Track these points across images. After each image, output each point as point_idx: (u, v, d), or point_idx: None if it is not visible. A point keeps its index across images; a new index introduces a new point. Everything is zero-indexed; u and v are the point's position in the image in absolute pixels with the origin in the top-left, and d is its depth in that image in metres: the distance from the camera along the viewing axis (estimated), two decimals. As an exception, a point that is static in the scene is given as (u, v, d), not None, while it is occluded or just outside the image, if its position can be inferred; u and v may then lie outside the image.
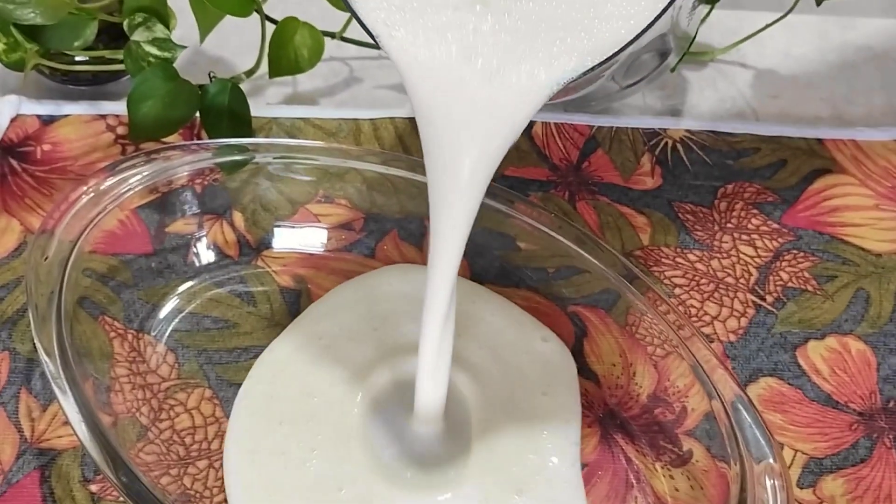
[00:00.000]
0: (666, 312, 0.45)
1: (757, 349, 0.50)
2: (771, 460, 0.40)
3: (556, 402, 0.47)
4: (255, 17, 0.54)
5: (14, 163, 0.55)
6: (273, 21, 0.56)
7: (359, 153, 0.51)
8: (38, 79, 0.60)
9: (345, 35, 0.59)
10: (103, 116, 0.58)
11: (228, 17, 0.53)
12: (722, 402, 0.43)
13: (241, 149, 0.50)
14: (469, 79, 0.36)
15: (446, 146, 0.37)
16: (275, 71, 0.56)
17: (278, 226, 0.52)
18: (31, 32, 0.52)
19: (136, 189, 0.48)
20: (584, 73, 0.35)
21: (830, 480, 0.45)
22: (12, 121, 0.57)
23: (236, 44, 0.62)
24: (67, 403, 0.39)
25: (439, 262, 0.40)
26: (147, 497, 0.37)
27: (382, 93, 0.62)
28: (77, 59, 0.57)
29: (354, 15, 0.36)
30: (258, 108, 0.57)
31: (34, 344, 0.41)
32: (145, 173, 0.48)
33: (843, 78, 0.65)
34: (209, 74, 0.54)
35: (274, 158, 0.50)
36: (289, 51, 0.55)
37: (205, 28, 0.52)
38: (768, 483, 0.40)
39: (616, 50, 0.35)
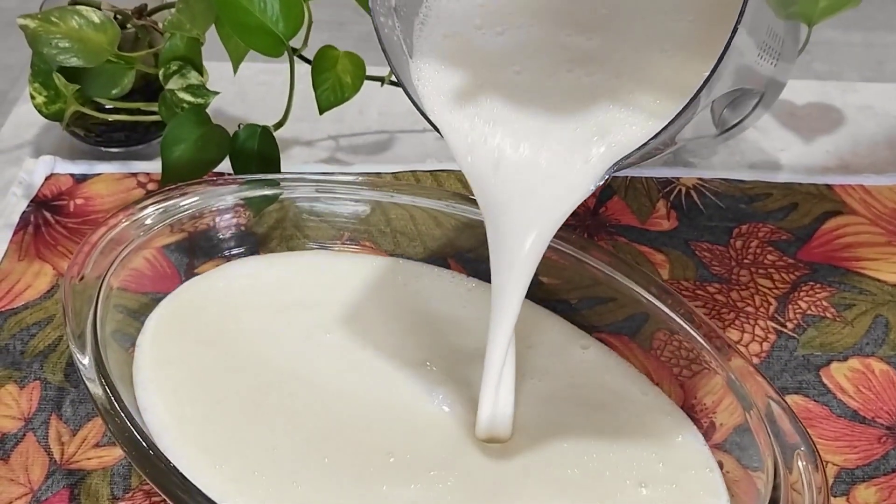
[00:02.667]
0: (699, 326, 0.46)
1: (781, 370, 0.50)
2: (806, 461, 0.40)
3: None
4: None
5: (48, 215, 0.57)
6: (307, 61, 0.57)
7: (388, 185, 0.53)
8: (73, 142, 0.62)
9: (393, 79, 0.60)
10: (134, 174, 0.60)
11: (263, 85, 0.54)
12: (758, 410, 0.43)
13: (271, 183, 0.51)
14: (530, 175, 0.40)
15: (508, 233, 0.41)
16: (323, 104, 0.57)
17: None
18: (73, 78, 0.54)
19: (163, 224, 0.50)
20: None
21: (863, 489, 0.45)
22: (47, 179, 0.59)
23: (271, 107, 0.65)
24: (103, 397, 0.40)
25: (501, 316, 0.42)
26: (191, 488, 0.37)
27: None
28: (110, 119, 0.59)
29: (432, 123, 0.41)
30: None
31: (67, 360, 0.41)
32: (170, 210, 0.50)
33: (848, 133, 0.67)
34: (238, 126, 0.56)
35: (302, 194, 0.52)
36: (332, 80, 0.56)
37: (236, 59, 0.54)
38: (805, 484, 0.40)
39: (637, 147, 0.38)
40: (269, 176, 0.53)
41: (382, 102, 0.67)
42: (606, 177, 0.40)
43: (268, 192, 0.51)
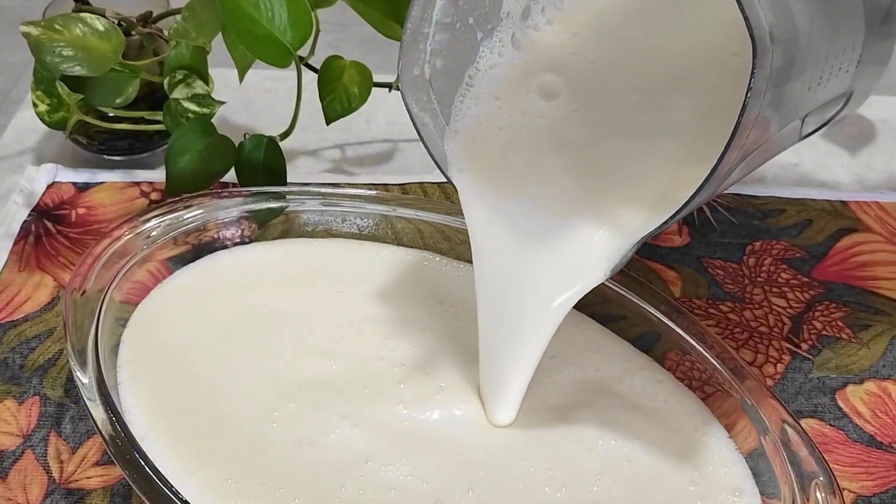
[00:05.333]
0: (711, 346, 0.45)
1: (796, 392, 0.49)
2: (825, 491, 0.39)
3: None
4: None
5: (49, 224, 0.56)
6: (314, 69, 0.56)
7: (395, 198, 0.52)
8: (75, 150, 0.61)
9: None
10: (137, 183, 0.59)
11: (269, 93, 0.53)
12: (773, 436, 0.42)
13: (277, 196, 0.51)
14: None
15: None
16: (330, 116, 0.56)
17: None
18: (76, 87, 0.53)
19: (167, 236, 0.49)
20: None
21: (880, 517, 0.44)
22: (49, 187, 0.58)
23: (276, 115, 0.64)
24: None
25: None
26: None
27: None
28: (114, 128, 0.58)
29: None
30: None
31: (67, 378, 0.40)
32: (175, 222, 0.49)
33: (862, 147, 0.66)
34: (244, 135, 0.55)
35: (308, 207, 0.51)
36: (339, 91, 0.55)
37: (242, 68, 0.53)
38: None
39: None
40: (275, 189, 0.52)
41: (390, 112, 0.66)
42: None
43: (273, 204, 0.50)
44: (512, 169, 0.43)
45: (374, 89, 0.57)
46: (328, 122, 0.56)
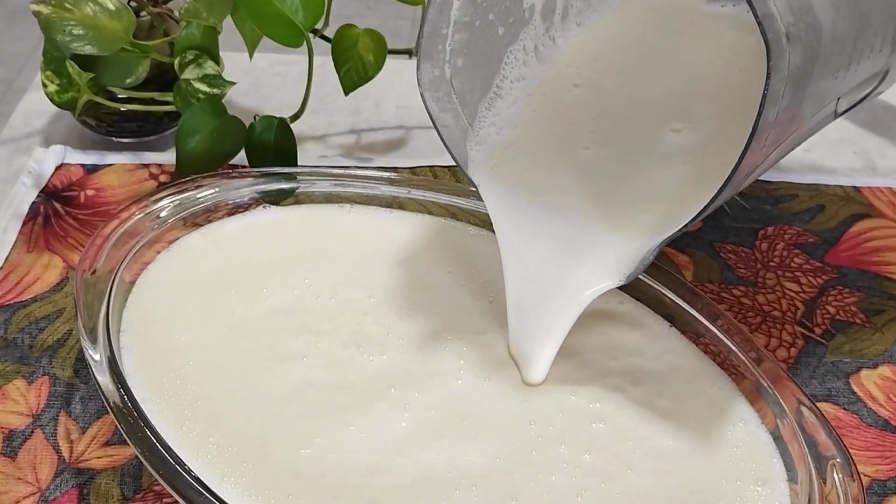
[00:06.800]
0: (726, 329, 0.45)
1: (809, 377, 0.49)
2: (842, 473, 0.39)
3: None
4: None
5: (58, 206, 0.56)
6: (327, 39, 0.56)
7: (406, 180, 0.52)
8: (83, 132, 0.61)
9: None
10: (146, 165, 0.59)
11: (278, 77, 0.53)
12: (790, 419, 0.41)
13: (288, 176, 0.50)
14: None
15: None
16: (347, 85, 0.55)
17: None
18: (86, 67, 0.53)
19: (177, 217, 0.48)
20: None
21: (896, 501, 0.44)
22: (57, 169, 0.58)
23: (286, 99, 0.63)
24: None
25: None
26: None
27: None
28: (123, 109, 0.58)
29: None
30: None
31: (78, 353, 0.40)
32: (185, 202, 0.49)
33: (874, 134, 0.65)
34: (254, 117, 0.55)
35: (319, 188, 0.51)
36: (354, 60, 0.55)
37: (252, 44, 0.53)
38: (840, 496, 0.38)
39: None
40: (286, 169, 0.52)
41: (400, 96, 0.66)
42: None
43: (284, 185, 0.50)
44: (533, 180, 0.44)
45: (387, 70, 0.57)
46: (346, 92, 0.56)
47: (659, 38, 0.46)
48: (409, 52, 0.59)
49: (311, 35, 0.53)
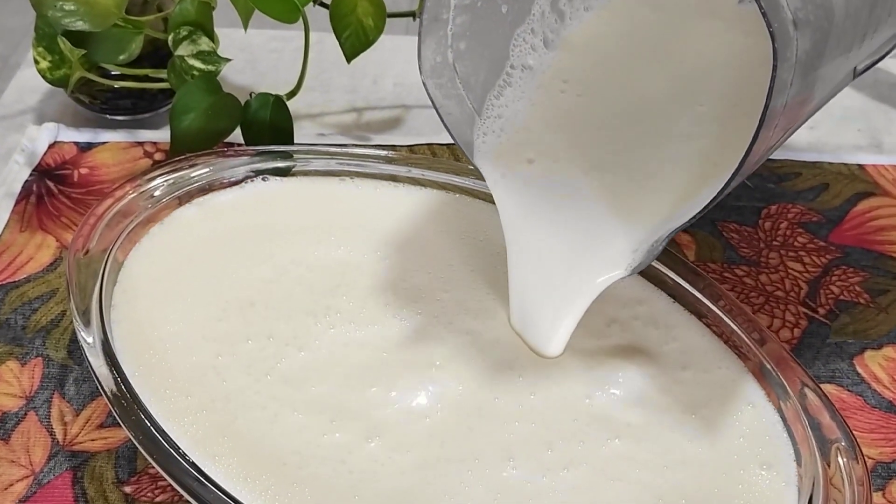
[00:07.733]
0: (728, 310, 0.44)
1: (813, 358, 0.48)
2: (847, 456, 0.39)
3: None
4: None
5: (51, 185, 0.55)
6: (325, 6, 0.54)
7: (404, 158, 0.51)
8: (77, 110, 0.60)
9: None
10: (140, 143, 0.58)
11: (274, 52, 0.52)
12: (794, 401, 0.41)
13: (284, 155, 0.49)
14: None
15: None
16: (349, 52, 0.54)
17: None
18: (79, 43, 0.52)
19: (171, 196, 0.47)
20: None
21: (900, 484, 0.43)
22: (50, 147, 0.57)
23: (282, 76, 0.62)
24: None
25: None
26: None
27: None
28: (116, 86, 0.57)
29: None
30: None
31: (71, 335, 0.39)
32: (179, 181, 0.48)
33: (880, 111, 0.65)
34: (249, 95, 0.54)
35: (316, 167, 0.50)
36: (354, 25, 0.54)
37: (246, 16, 0.52)
38: (845, 479, 0.38)
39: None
40: (282, 147, 0.51)
41: (398, 73, 0.65)
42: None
43: (281, 163, 0.49)
44: (541, 171, 0.43)
45: (385, 42, 0.56)
46: (348, 59, 0.55)
47: (668, 23, 0.45)
48: (412, 15, 0.58)
49: (307, 6, 0.52)
